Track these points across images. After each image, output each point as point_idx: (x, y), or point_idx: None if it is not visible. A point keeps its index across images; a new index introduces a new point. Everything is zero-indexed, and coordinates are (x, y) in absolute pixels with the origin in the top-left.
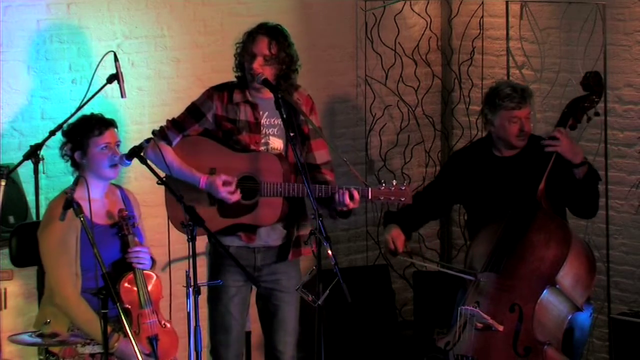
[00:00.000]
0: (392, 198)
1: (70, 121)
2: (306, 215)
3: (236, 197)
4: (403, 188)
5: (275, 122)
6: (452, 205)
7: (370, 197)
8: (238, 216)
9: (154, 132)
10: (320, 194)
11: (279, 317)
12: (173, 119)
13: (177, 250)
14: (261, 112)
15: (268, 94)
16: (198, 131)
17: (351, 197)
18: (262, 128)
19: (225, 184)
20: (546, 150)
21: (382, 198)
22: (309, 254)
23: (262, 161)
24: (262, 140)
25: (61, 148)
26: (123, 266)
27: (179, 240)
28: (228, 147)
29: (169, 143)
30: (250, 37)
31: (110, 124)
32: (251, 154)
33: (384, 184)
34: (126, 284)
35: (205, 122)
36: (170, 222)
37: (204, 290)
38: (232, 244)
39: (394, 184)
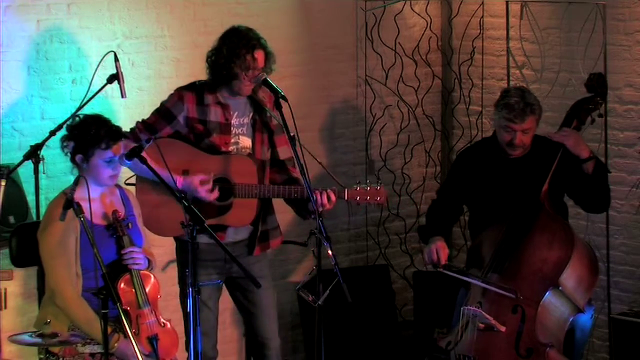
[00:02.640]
0: (368, 198)
1: (79, 113)
2: (272, 210)
3: (215, 194)
4: (378, 188)
5: (245, 121)
6: (464, 205)
7: (346, 198)
8: (212, 217)
9: (124, 134)
10: (295, 195)
11: (259, 305)
12: (143, 120)
13: (176, 250)
14: (232, 113)
15: (240, 96)
16: (169, 133)
17: (328, 199)
18: (232, 128)
19: (202, 183)
20: (554, 139)
21: (358, 198)
22: (277, 247)
23: (236, 163)
24: (232, 140)
25: (62, 140)
26: (120, 267)
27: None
28: (200, 149)
29: None
30: (249, 52)
31: (118, 138)
32: (224, 156)
33: (359, 185)
34: (122, 285)
35: (177, 125)
36: (147, 225)
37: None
38: (201, 240)
39: (369, 183)
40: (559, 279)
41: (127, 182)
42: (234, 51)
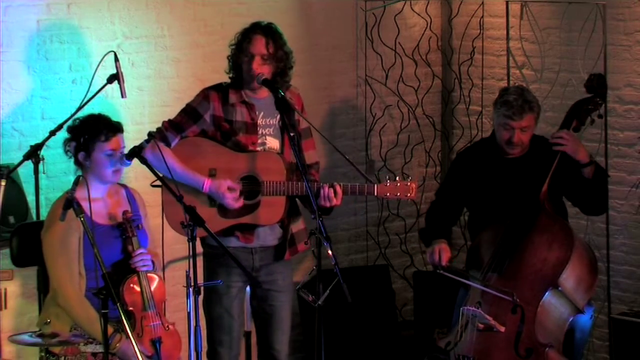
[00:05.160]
0: (399, 194)
1: (78, 116)
2: (298, 212)
3: (240, 203)
4: (408, 183)
5: (271, 122)
6: (465, 206)
7: (376, 194)
8: (239, 216)
9: (150, 134)
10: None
11: (276, 317)
12: (170, 120)
13: (177, 250)
14: (257, 113)
15: (263, 94)
16: (196, 132)
17: (335, 193)
18: (258, 128)
19: (230, 189)
20: (554, 149)
21: (388, 194)
22: (304, 250)
23: (264, 160)
24: (259, 141)
25: (65, 143)
26: (124, 267)
27: (179, 240)
28: (227, 148)
29: (168, 144)
30: (246, 37)
31: (117, 129)
32: (252, 154)
33: (388, 181)
34: (130, 286)
35: (203, 123)
36: (168, 223)
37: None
38: (229, 244)
39: (398, 179)
40: (558, 280)
41: (152, 184)
42: (236, 42)
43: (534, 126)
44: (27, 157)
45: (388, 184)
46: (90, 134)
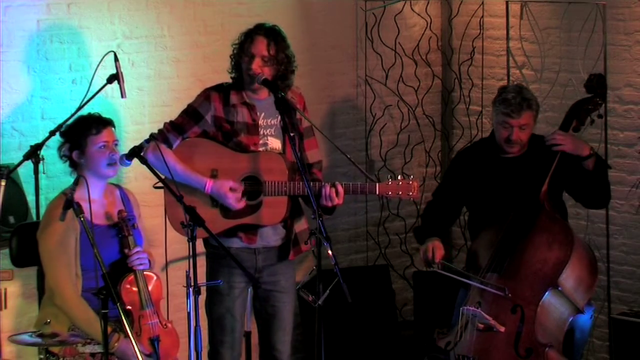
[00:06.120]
0: (400, 193)
1: (68, 122)
2: (300, 212)
3: (242, 204)
4: (410, 182)
5: (272, 122)
6: (462, 206)
7: (378, 192)
8: (241, 217)
9: (152, 135)
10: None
11: (279, 318)
12: (171, 121)
13: (177, 250)
14: (258, 113)
15: (264, 95)
16: (197, 133)
17: (337, 193)
18: (260, 129)
19: (232, 190)
20: (554, 149)
21: (390, 193)
22: (307, 250)
23: (266, 160)
24: (261, 142)
25: (59, 149)
26: (122, 267)
27: (179, 240)
28: (229, 148)
29: (170, 146)
30: (249, 37)
31: (107, 122)
32: (254, 154)
33: (390, 179)
34: (127, 285)
35: (205, 124)
36: (169, 223)
37: (203, 291)
38: (232, 245)
39: (400, 178)
40: (558, 280)
41: (155, 185)
42: (239, 42)
43: (533, 124)
44: (27, 157)
45: (390, 183)
46: (81, 131)
